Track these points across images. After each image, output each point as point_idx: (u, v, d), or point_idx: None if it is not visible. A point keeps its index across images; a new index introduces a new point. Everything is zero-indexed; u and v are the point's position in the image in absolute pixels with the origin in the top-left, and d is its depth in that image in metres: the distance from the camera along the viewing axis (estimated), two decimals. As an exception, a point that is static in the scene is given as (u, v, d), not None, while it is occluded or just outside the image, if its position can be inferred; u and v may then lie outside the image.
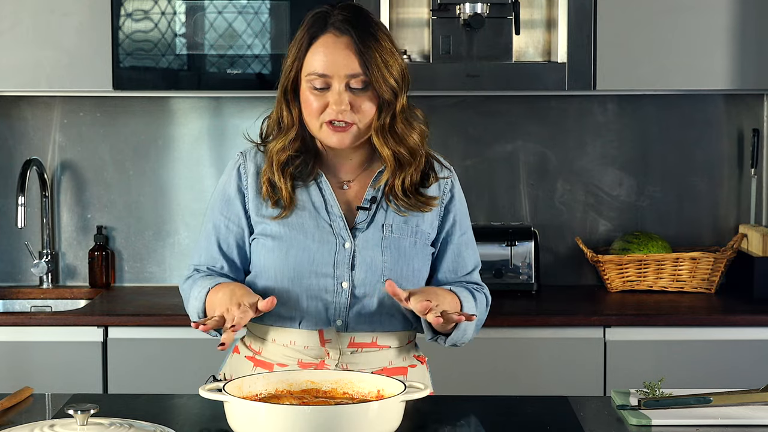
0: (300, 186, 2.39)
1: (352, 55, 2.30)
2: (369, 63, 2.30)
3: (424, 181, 2.42)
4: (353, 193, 2.42)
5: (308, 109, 2.34)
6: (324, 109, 2.32)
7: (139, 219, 4.04)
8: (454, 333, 2.37)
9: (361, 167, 2.43)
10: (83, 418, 1.98)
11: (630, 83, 3.68)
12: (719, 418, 2.21)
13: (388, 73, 2.31)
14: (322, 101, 2.32)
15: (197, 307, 2.36)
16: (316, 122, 2.34)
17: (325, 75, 2.31)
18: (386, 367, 2.39)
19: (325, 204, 2.38)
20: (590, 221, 4.04)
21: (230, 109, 4.00)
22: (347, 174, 2.43)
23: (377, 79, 2.30)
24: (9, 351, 3.49)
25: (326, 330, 2.34)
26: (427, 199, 2.41)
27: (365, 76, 2.30)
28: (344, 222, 2.37)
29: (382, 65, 2.30)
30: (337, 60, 2.30)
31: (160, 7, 3.62)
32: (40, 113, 4.01)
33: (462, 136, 4.02)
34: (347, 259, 2.35)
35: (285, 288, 2.35)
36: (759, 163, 3.99)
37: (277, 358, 2.38)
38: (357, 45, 2.30)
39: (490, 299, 2.51)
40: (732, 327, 3.48)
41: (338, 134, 2.33)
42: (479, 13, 3.61)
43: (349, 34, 2.31)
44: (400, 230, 2.39)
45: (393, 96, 2.32)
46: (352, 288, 2.35)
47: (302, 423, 1.91)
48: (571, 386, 3.40)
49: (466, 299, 2.39)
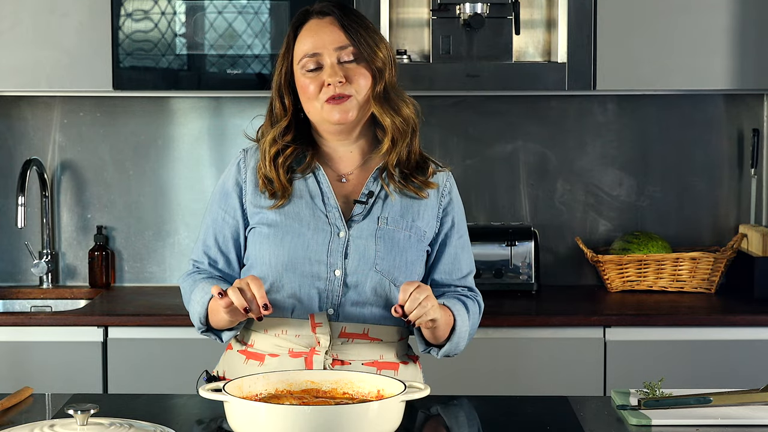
0: (298, 177, 2.42)
1: (338, 30, 2.37)
2: (355, 35, 2.37)
3: (421, 171, 2.44)
4: (351, 187, 2.44)
5: (305, 93, 2.38)
6: (321, 89, 2.36)
7: (139, 219, 4.04)
8: (448, 344, 2.40)
9: (360, 161, 2.45)
10: (83, 418, 1.98)
11: (630, 83, 3.68)
12: (719, 418, 2.22)
13: (374, 44, 2.38)
14: (318, 82, 2.36)
15: (200, 312, 2.39)
16: (316, 104, 2.37)
17: (315, 54, 2.36)
18: (377, 361, 2.40)
19: (322, 195, 2.41)
20: (590, 221, 4.04)
21: (230, 109, 4.00)
22: (345, 167, 2.45)
23: (365, 47, 2.37)
24: (9, 351, 3.49)
25: (317, 314, 2.36)
26: (426, 182, 2.44)
27: (354, 48, 2.36)
28: (340, 212, 2.39)
29: (368, 37, 2.38)
30: (323, 37, 2.37)
31: (160, 7, 3.62)
32: (40, 113, 4.01)
33: (462, 136, 4.02)
34: (341, 247, 2.37)
35: (279, 274, 2.37)
36: (759, 163, 3.99)
37: (268, 348, 2.40)
38: (341, 20, 2.37)
39: (483, 306, 2.52)
40: (732, 327, 3.48)
41: (339, 107, 2.36)
42: (479, 13, 3.61)
43: (332, 13, 2.39)
44: (396, 223, 2.41)
45: (383, 65, 2.38)
46: (344, 276, 2.37)
47: (302, 423, 1.91)
48: (571, 386, 3.40)
49: (459, 313, 2.40)
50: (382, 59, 2.38)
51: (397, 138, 2.40)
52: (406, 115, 2.41)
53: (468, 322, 2.41)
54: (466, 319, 2.41)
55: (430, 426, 2.27)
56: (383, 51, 2.39)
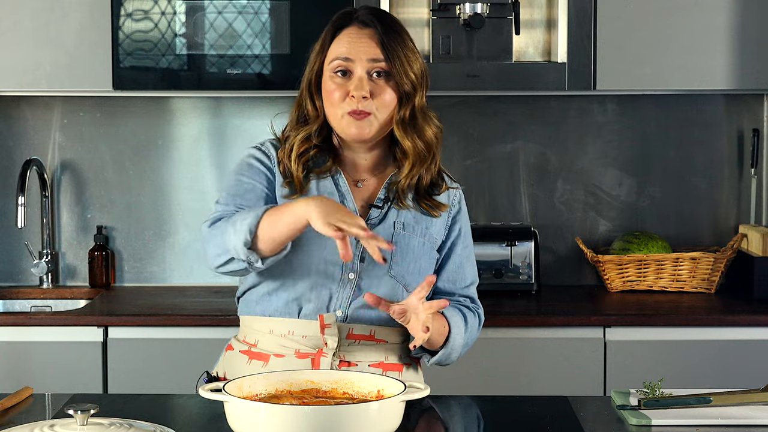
0: (313, 178, 2.41)
1: (375, 45, 2.35)
2: (391, 54, 2.35)
3: (435, 188, 2.45)
4: (367, 192, 2.44)
5: (330, 98, 2.37)
6: (345, 98, 2.35)
7: (139, 219, 4.04)
8: (440, 353, 2.40)
9: (374, 169, 2.46)
10: (83, 418, 1.98)
11: (630, 83, 3.68)
12: (719, 418, 2.22)
13: (409, 66, 2.36)
14: (344, 89, 2.35)
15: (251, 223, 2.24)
16: (337, 112, 2.36)
17: (347, 59, 2.35)
18: (383, 362, 2.40)
19: (342, 198, 2.40)
20: (590, 221, 4.04)
21: (230, 109, 4.00)
22: (362, 173, 2.46)
23: (398, 70, 2.35)
24: (9, 351, 3.48)
25: (326, 315, 2.35)
26: (437, 204, 2.44)
27: (386, 65, 2.34)
28: (358, 216, 2.38)
29: (403, 58, 2.36)
30: (359, 46, 2.35)
31: (160, 7, 3.62)
32: (40, 113, 4.01)
33: (462, 136, 4.02)
34: (357, 251, 2.37)
35: (293, 273, 2.36)
36: (759, 163, 3.99)
37: (273, 348, 2.39)
38: (380, 36, 2.36)
39: (483, 319, 2.53)
40: (732, 327, 3.48)
41: (357, 123, 2.35)
42: (479, 13, 3.61)
43: (374, 26, 2.37)
44: (411, 229, 2.42)
45: (412, 89, 2.37)
46: (358, 279, 2.37)
47: (302, 423, 1.91)
48: (571, 386, 3.40)
49: (457, 324, 2.41)
50: (412, 82, 2.36)
51: (415, 162, 2.40)
52: (428, 139, 2.40)
53: (464, 335, 2.42)
54: (462, 331, 2.42)
55: (431, 426, 2.27)
56: (416, 73, 2.37)
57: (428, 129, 2.40)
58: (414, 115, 2.38)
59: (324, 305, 2.37)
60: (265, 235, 2.25)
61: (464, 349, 2.44)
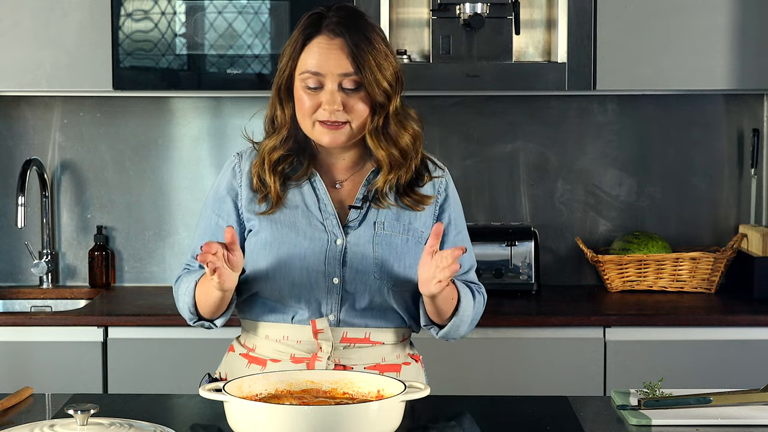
0: (292, 186, 2.40)
1: (345, 57, 2.32)
2: (362, 65, 2.31)
3: (418, 180, 2.43)
4: (345, 193, 2.43)
5: (301, 108, 2.36)
6: (316, 109, 2.33)
7: (139, 219, 4.04)
8: (449, 324, 2.38)
9: (353, 167, 2.44)
10: (83, 418, 1.98)
11: (630, 83, 3.68)
12: (719, 418, 2.22)
13: (381, 75, 2.33)
14: (315, 101, 2.33)
15: (187, 302, 2.38)
16: (308, 121, 2.35)
17: (318, 73, 2.32)
18: (379, 364, 2.40)
19: (319, 202, 2.39)
20: (590, 221, 4.04)
21: (230, 109, 4.00)
22: (339, 174, 2.44)
23: (370, 81, 2.32)
24: (9, 351, 3.49)
25: (318, 321, 2.35)
26: (421, 198, 2.42)
27: (358, 77, 2.31)
28: (337, 219, 2.38)
29: (375, 68, 2.32)
30: (330, 60, 2.32)
31: (160, 7, 3.62)
32: (40, 113, 4.01)
33: (462, 136, 4.02)
34: (338, 255, 2.36)
35: (277, 284, 2.36)
36: (759, 163, 3.99)
37: (269, 353, 2.39)
38: (350, 47, 2.31)
39: (486, 298, 2.51)
40: (732, 327, 3.48)
41: (331, 132, 2.34)
42: (479, 13, 3.61)
43: (343, 37, 2.32)
44: (392, 227, 2.40)
45: (386, 98, 2.34)
46: (342, 284, 2.36)
47: (302, 423, 1.91)
48: (571, 386, 3.40)
49: (466, 295, 2.40)
50: (385, 91, 2.33)
51: (391, 169, 2.38)
52: (403, 146, 2.38)
53: (472, 308, 2.40)
54: (471, 302, 2.40)
55: (431, 426, 2.27)
56: (389, 80, 2.33)
57: (404, 135, 2.38)
58: (387, 123, 2.36)
59: (315, 311, 2.37)
60: (204, 308, 2.37)
61: (472, 324, 2.42)
